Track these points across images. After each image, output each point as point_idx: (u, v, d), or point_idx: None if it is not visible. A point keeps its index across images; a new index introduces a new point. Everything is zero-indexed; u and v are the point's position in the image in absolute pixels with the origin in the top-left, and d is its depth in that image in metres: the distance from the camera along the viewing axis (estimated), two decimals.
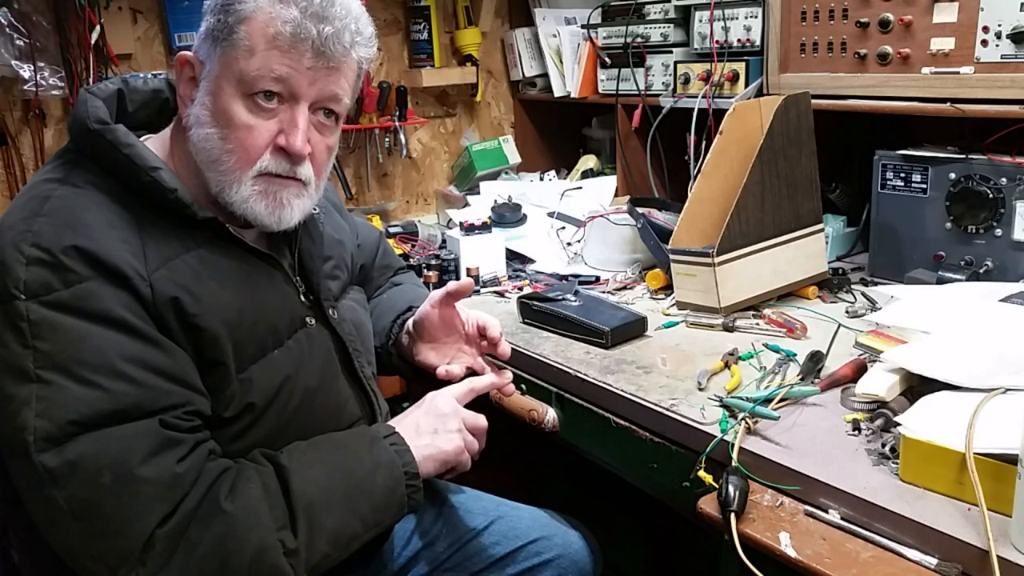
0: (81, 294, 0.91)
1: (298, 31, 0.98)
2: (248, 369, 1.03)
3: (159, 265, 0.97)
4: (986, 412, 0.95)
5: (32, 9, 1.76)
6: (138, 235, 0.97)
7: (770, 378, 1.27)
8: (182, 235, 1.01)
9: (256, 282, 1.07)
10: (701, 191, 1.59)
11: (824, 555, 0.91)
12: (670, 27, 2.01)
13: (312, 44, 0.99)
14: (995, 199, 1.50)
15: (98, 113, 1.01)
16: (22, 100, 1.81)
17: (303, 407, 1.08)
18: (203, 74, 1.02)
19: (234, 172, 1.02)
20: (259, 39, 0.99)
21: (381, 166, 2.38)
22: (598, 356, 1.40)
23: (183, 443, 0.93)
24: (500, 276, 1.83)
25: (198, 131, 1.02)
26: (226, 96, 1.00)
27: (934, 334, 1.20)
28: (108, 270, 0.93)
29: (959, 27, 1.49)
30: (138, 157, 0.99)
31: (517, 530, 1.37)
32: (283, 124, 1.02)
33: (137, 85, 1.10)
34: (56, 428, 0.88)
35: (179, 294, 0.97)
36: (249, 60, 0.99)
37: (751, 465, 1.05)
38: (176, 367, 0.95)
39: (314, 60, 1.00)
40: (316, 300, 1.16)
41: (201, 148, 1.02)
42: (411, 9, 2.32)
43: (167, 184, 0.99)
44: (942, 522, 0.89)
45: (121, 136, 1.00)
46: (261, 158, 1.02)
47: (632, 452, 1.26)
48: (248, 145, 1.01)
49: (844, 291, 1.61)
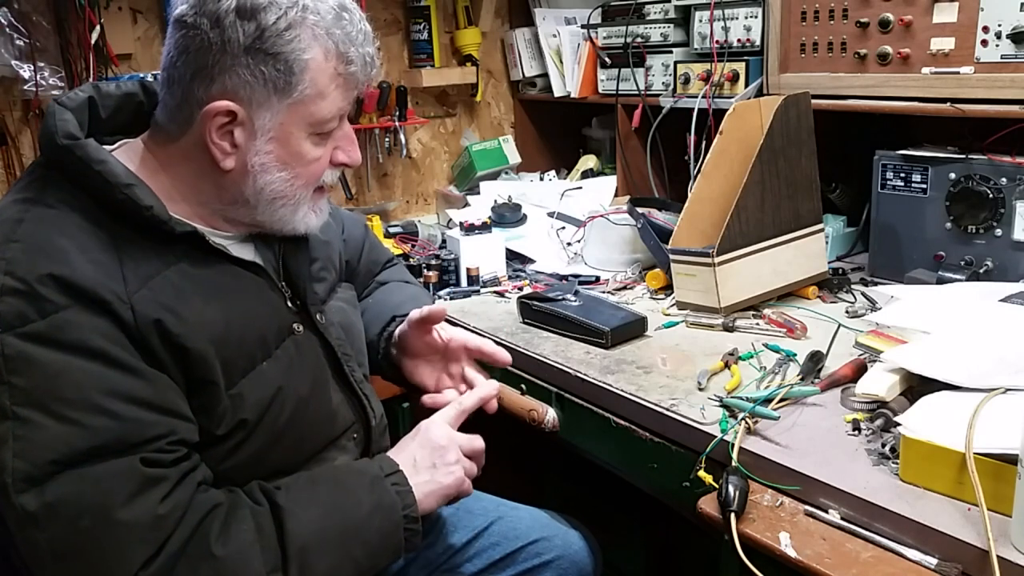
0: (58, 324, 0.88)
1: (356, 65, 1.01)
2: (238, 384, 1.00)
3: (139, 285, 0.93)
4: (986, 412, 0.95)
5: (32, 9, 1.76)
6: (115, 255, 0.94)
7: (770, 378, 1.27)
8: (161, 250, 0.98)
9: (241, 293, 1.04)
10: (701, 191, 1.59)
11: (824, 555, 0.91)
12: (670, 27, 2.01)
13: (367, 72, 1.03)
14: (995, 199, 1.50)
15: (67, 127, 0.96)
16: (22, 100, 1.81)
17: (295, 418, 1.06)
18: (257, 124, 0.99)
19: (299, 199, 1.05)
20: (326, 82, 0.99)
21: (381, 166, 2.38)
22: (598, 356, 1.40)
23: (166, 480, 0.91)
24: (500, 276, 1.83)
25: (262, 177, 1.01)
26: (296, 140, 1.01)
27: (934, 334, 1.20)
28: (86, 296, 0.89)
29: (959, 27, 1.49)
30: (110, 174, 0.95)
31: (517, 531, 1.36)
32: (338, 141, 1.06)
33: (109, 90, 1.06)
34: (35, 468, 0.86)
35: (162, 315, 0.93)
36: (321, 104, 1.00)
37: (751, 465, 1.05)
38: (158, 396, 0.92)
39: (364, 83, 1.05)
40: (303, 305, 1.13)
41: (266, 190, 1.02)
42: (411, 9, 2.32)
43: (142, 201, 0.95)
44: (942, 522, 0.89)
45: (92, 152, 0.96)
46: (322, 177, 1.07)
47: (632, 452, 1.26)
48: (317, 173, 1.05)
49: (844, 291, 1.61)
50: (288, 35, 0.96)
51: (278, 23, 0.95)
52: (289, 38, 0.96)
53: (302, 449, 1.10)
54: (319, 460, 1.12)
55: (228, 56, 0.95)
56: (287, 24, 0.96)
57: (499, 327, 1.56)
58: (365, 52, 1.02)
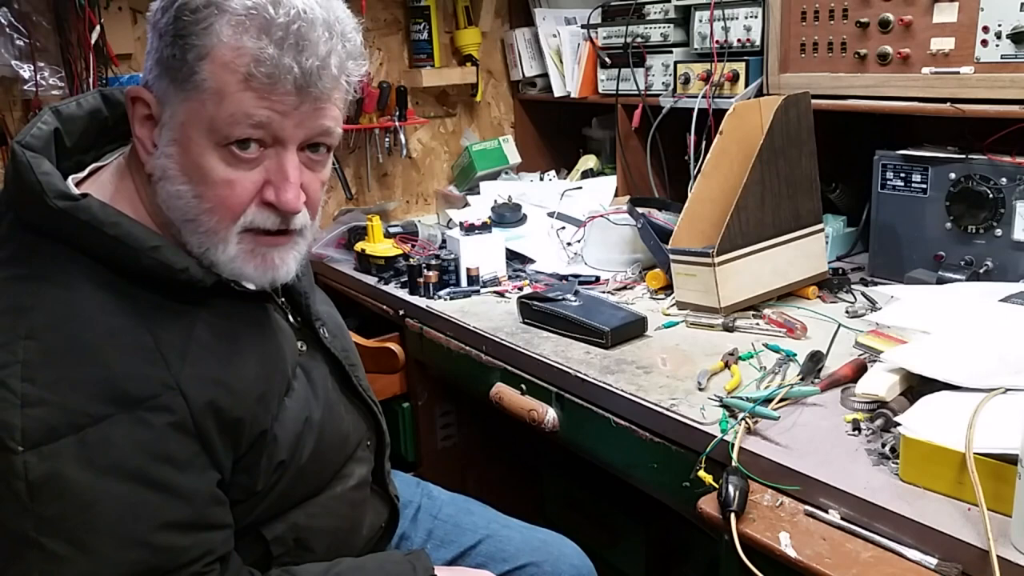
0: (92, 441, 0.78)
1: (275, 71, 0.83)
2: (272, 427, 0.95)
3: (180, 363, 0.84)
4: (986, 412, 0.95)
5: (32, 9, 1.76)
6: (146, 329, 0.84)
7: (770, 378, 1.27)
8: (181, 307, 0.88)
9: (262, 331, 0.98)
10: (701, 191, 1.59)
11: (824, 555, 0.91)
12: (670, 27, 2.00)
13: (294, 82, 0.84)
14: (995, 199, 1.50)
15: (53, 183, 0.83)
16: (22, 100, 1.81)
17: (317, 447, 1.02)
18: (163, 117, 0.87)
19: (216, 232, 0.88)
20: (228, 79, 0.83)
21: (381, 166, 2.38)
22: (598, 356, 1.40)
23: None
24: (500, 276, 1.83)
25: (167, 187, 0.87)
26: (197, 148, 0.85)
27: (934, 334, 1.20)
28: (130, 399, 0.80)
29: (959, 27, 1.49)
30: (130, 237, 0.84)
31: (505, 552, 1.31)
32: (269, 174, 0.88)
33: (71, 112, 0.94)
34: None
35: (213, 394, 0.86)
36: (219, 105, 0.84)
37: (751, 465, 1.05)
38: (196, 514, 0.85)
39: (298, 99, 0.85)
40: (306, 321, 1.08)
41: (173, 206, 0.88)
42: (411, 9, 2.32)
43: (176, 265, 0.86)
44: (942, 522, 0.89)
45: (100, 214, 0.84)
46: (245, 213, 0.89)
47: (632, 452, 1.25)
48: (230, 203, 0.87)
49: (844, 291, 1.61)
50: (198, 15, 0.83)
51: (191, 2, 0.83)
52: (197, 18, 0.83)
53: (324, 474, 1.07)
54: (340, 478, 1.10)
55: (155, 39, 0.86)
56: (201, 3, 0.83)
57: (499, 327, 1.56)
58: (293, 60, 0.83)
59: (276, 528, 1.01)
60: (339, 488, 1.09)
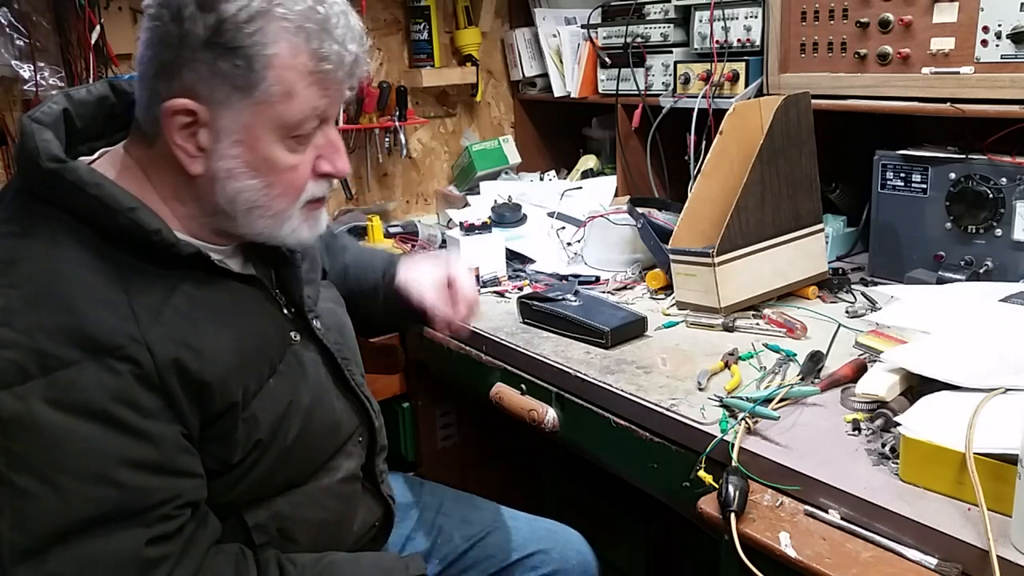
0: (61, 384, 0.82)
1: (335, 63, 0.92)
2: (250, 406, 0.97)
3: (151, 321, 0.88)
4: (986, 412, 0.95)
5: (32, 9, 1.76)
6: (121, 288, 0.88)
7: (770, 378, 1.27)
8: (163, 274, 0.92)
9: (244, 310, 1.01)
10: (701, 191, 1.59)
11: (824, 555, 0.91)
12: (670, 27, 2.00)
13: (347, 71, 0.94)
14: (995, 199, 1.50)
15: (49, 148, 0.89)
16: (22, 100, 1.81)
17: (303, 432, 1.03)
18: (220, 125, 0.91)
19: (284, 212, 0.98)
20: (294, 79, 0.91)
21: (381, 166, 2.38)
22: (598, 356, 1.40)
23: (168, 558, 0.87)
24: (500, 276, 1.83)
25: (232, 184, 0.94)
26: (263, 144, 0.93)
27: (934, 334, 1.20)
28: (98, 347, 0.84)
29: (959, 27, 1.49)
30: (110, 198, 0.89)
31: (514, 542, 1.33)
32: (319, 149, 0.98)
33: (81, 97, 0.99)
34: (32, 541, 0.81)
35: (179, 353, 0.89)
36: (289, 104, 0.92)
37: (751, 465, 1.05)
38: (164, 457, 0.88)
39: (349, 82, 0.96)
40: (299, 312, 1.10)
41: (240, 200, 0.95)
42: (411, 9, 2.32)
43: (148, 226, 0.90)
44: (942, 522, 0.89)
45: (84, 175, 0.89)
46: (305, 189, 0.99)
47: (632, 452, 1.25)
48: (296, 184, 0.97)
49: (844, 291, 1.61)
50: (249, 28, 0.87)
51: (239, 15, 0.87)
52: (250, 31, 0.87)
53: (311, 462, 1.08)
54: (327, 470, 1.11)
55: (187, 50, 0.88)
56: (249, 16, 0.87)
57: (499, 327, 1.56)
58: (345, 49, 0.93)
59: (259, 515, 1.02)
60: (326, 480, 1.10)
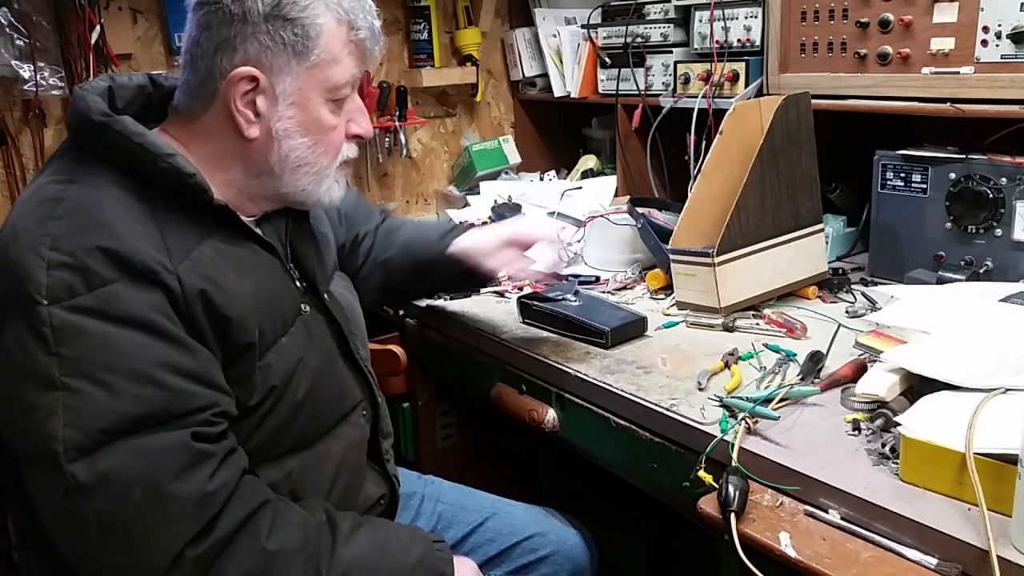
0: (105, 297, 0.90)
1: (368, 34, 1.07)
2: (265, 356, 1.04)
3: (182, 257, 0.97)
4: (986, 412, 0.95)
5: (32, 9, 1.76)
6: (156, 227, 0.97)
7: (770, 378, 1.27)
8: (195, 224, 1.01)
9: (263, 270, 1.08)
10: (701, 191, 1.59)
11: (824, 555, 0.91)
12: (670, 27, 2.00)
13: (375, 39, 1.09)
14: (995, 199, 1.50)
15: (100, 106, 1.00)
16: (22, 100, 1.82)
17: (312, 390, 1.10)
18: (279, 89, 1.03)
19: (325, 169, 1.09)
20: (339, 48, 1.05)
21: (381, 166, 2.38)
22: (598, 356, 1.40)
23: (213, 456, 0.93)
24: (500, 276, 1.83)
25: (285, 143, 1.05)
26: (314, 105, 1.05)
27: (934, 334, 1.20)
28: (134, 269, 0.92)
29: (959, 27, 1.49)
30: (151, 145, 0.98)
31: (512, 527, 1.37)
32: (348, 113, 1.11)
33: (123, 82, 1.10)
34: (86, 437, 0.87)
35: (206, 286, 0.97)
36: (335, 69, 1.05)
37: (751, 465, 1.05)
38: (201, 368, 0.95)
39: (373, 52, 1.10)
40: (311, 286, 1.17)
41: (290, 156, 1.06)
42: (411, 9, 2.32)
43: (185, 169, 0.99)
44: (942, 522, 0.89)
45: (130, 125, 0.99)
46: (342, 150, 1.11)
47: (632, 452, 1.26)
48: (336, 143, 1.10)
49: (844, 291, 1.61)
50: (303, 2, 1.01)
51: None
52: (304, 4, 1.01)
53: (318, 422, 1.13)
54: (334, 436, 1.15)
55: (248, 25, 1.00)
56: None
57: (499, 327, 1.56)
58: (372, 22, 1.08)
59: (272, 473, 1.07)
60: (333, 446, 1.15)
